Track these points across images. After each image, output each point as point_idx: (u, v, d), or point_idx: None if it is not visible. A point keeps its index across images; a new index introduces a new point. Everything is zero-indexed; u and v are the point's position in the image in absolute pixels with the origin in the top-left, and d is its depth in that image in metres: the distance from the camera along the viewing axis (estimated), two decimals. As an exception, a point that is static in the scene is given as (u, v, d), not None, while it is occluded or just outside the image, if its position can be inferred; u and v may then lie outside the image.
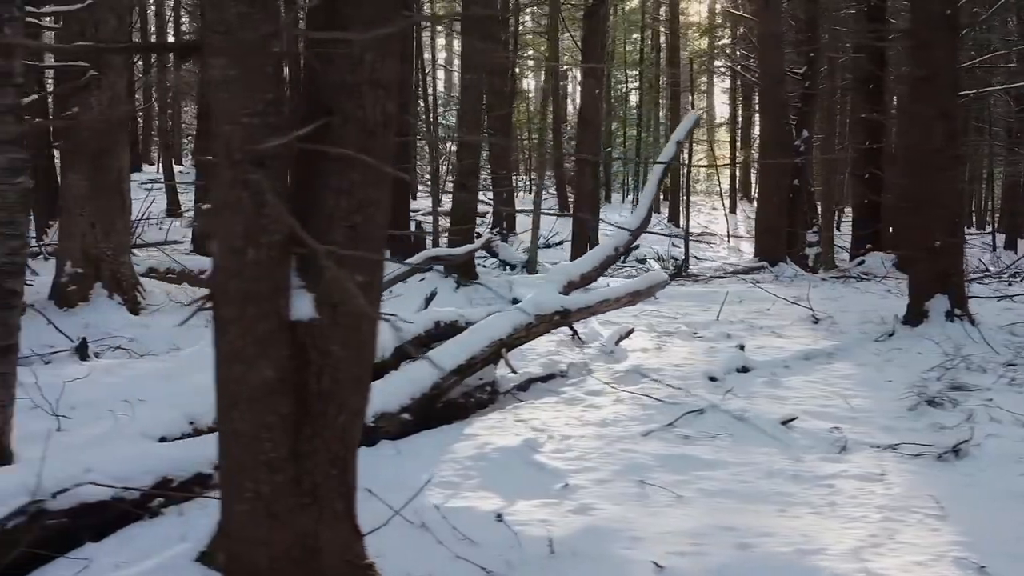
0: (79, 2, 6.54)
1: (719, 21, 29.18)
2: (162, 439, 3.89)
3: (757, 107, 32.69)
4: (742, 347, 5.77)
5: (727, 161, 30.53)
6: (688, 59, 29.44)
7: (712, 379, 5.12)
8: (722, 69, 31.87)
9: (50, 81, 9.11)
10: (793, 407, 4.58)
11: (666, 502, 3.37)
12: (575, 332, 5.51)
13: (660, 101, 31.05)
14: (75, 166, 6.95)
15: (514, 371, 4.75)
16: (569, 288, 5.11)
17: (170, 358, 5.75)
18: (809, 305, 7.68)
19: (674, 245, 19.06)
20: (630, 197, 32.18)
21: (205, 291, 9.04)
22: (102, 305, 6.94)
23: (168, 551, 2.86)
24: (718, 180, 33.99)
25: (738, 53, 24.39)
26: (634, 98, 34.11)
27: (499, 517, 3.13)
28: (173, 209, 18.00)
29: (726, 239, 23.26)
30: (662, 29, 29.36)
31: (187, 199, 20.06)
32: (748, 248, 22.93)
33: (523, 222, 19.52)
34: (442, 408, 4.44)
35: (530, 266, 10.40)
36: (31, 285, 7.21)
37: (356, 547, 2.59)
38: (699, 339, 6.62)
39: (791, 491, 3.49)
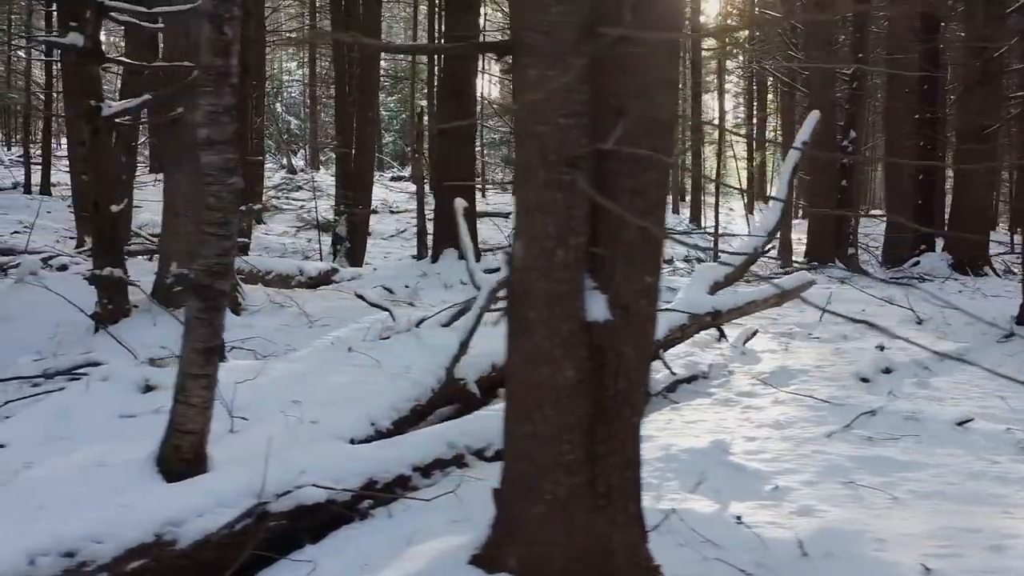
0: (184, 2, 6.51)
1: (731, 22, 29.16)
2: (351, 441, 3.88)
3: (774, 107, 32.82)
4: (882, 348, 5.76)
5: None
6: (708, 59, 29.38)
7: (864, 380, 5.11)
8: (739, 69, 31.79)
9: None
10: (956, 408, 4.56)
11: (884, 504, 3.36)
12: (723, 333, 5.50)
13: (680, 102, 31.05)
14: (179, 166, 6.93)
15: (672, 372, 4.73)
16: (715, 288, 5.10)
17: (297, 359, 5.73)
18: (910, 306, 7.64)
19: (696, 245, 18.94)
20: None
21: (289, 291, 8.96)
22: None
23: (435, 554, 2.83)
24: (739, 179, 33.94)
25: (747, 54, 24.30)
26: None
27: (739, 519, 3.12)
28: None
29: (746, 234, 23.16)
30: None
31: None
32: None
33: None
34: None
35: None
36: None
37: (644, 549, 2.57)
38: (817, 340, 6.60)
39: (1003, 492, 3.47)
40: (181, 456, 3.61)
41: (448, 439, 3.85)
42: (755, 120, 32.65)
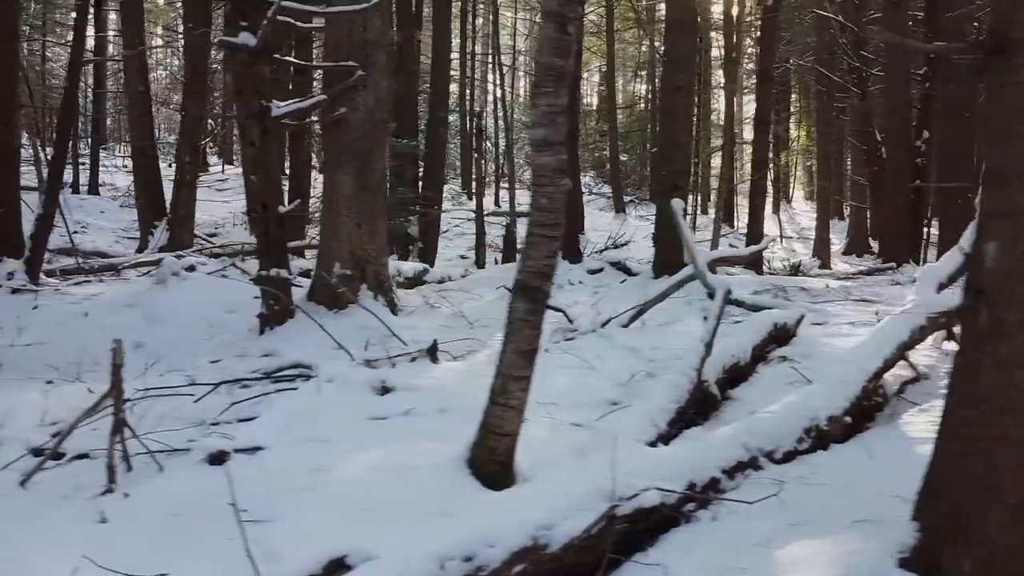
0: (358, 3, 6.50)
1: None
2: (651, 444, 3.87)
3: (796, 108, 32.82)
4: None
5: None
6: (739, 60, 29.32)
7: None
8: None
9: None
10: None
11: None
12: (952, 334, 5.48)
13: (712, 104, 31.00)
14: (342, 166, 6.91)
15: (919, 375, 4.73)
16: (939, 289, 5.10)
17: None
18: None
19: (731, 245, 18.78)
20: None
21: (440, 290, 8.86)
22: (369, 307, 6.89)
23: (854, 558, 2.80)
24: (769, 178, 33.98)
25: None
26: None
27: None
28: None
29: (779, 240, 23.18)
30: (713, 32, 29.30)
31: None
32: (802, 249, 22.93)
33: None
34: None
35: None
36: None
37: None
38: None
39: None
40: (496, 458, 3.60)
41: (740, 440, 3.83)
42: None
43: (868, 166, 18.66)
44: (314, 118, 7.06)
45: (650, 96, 27.02)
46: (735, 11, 17.07)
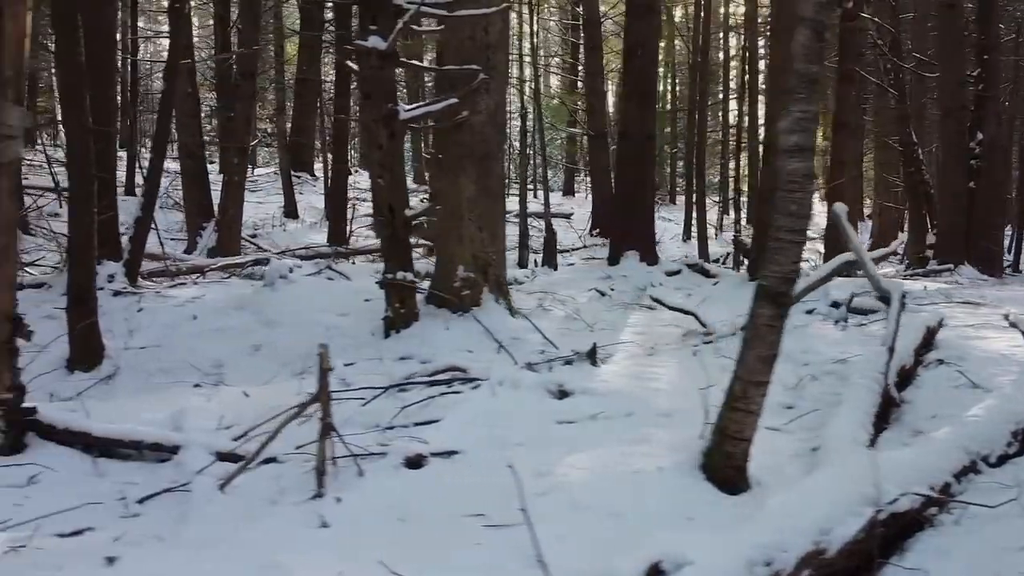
0: (487, 6, 6.51)
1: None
2: (870, 447, 3.88)
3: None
4: None
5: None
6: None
7: None
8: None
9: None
10: None
11: None
12: None
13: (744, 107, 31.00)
14: (464, 170, 6.92)
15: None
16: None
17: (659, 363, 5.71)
18: None
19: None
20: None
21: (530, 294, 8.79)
22: (492, 309, 6.91)
23: None
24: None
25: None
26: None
27: None
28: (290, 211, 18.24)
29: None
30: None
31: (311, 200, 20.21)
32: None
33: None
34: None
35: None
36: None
37: None
38: None
39: None
40: (733, 463, 3.62)
41: (961, 445, 3.84)
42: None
43: (905, 167, 18.63)
44: (430, 122, 7.04)
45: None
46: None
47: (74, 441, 4.63)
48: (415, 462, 4.23)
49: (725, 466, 3.59)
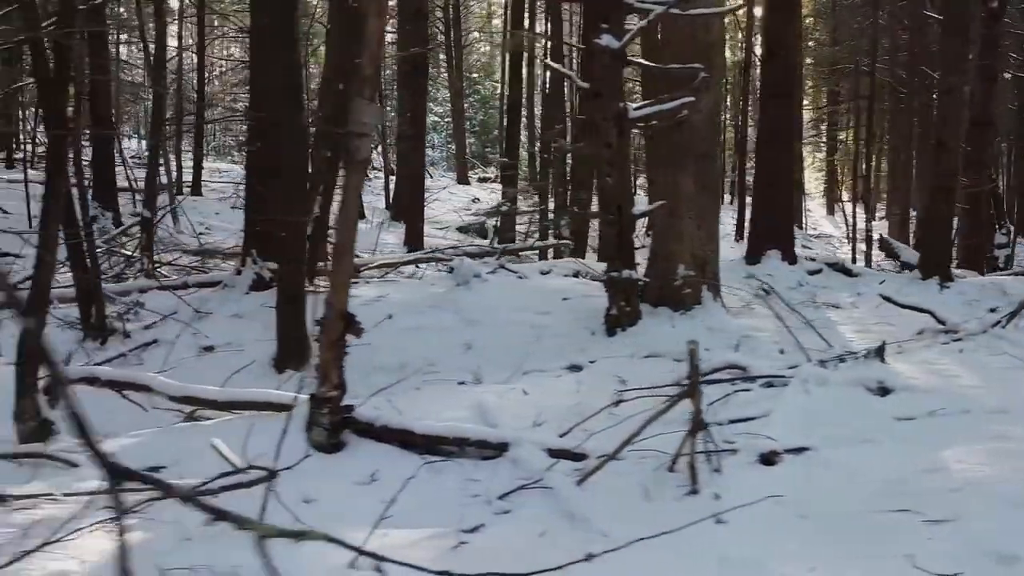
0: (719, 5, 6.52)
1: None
2: None
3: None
4: None
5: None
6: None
7: None
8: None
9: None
10: None
11: None
12: None
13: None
14: (684, 168, 6.93)
15: None
16: None
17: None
18: None
19: (804, 246, 18.50)
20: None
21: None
22: (711, 307, 6.92)
23: None
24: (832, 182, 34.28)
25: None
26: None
27: None
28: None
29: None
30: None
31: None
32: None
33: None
34: None
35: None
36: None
37: None
38: None
39: None
40: None
41: None
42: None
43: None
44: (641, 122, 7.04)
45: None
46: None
47: (391, 438, 4.64)
48: (769, 459, 4.23)
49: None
